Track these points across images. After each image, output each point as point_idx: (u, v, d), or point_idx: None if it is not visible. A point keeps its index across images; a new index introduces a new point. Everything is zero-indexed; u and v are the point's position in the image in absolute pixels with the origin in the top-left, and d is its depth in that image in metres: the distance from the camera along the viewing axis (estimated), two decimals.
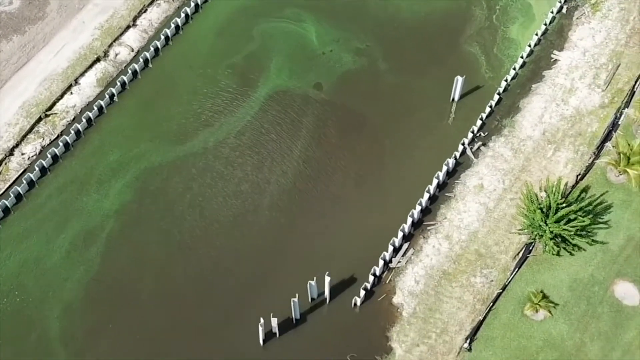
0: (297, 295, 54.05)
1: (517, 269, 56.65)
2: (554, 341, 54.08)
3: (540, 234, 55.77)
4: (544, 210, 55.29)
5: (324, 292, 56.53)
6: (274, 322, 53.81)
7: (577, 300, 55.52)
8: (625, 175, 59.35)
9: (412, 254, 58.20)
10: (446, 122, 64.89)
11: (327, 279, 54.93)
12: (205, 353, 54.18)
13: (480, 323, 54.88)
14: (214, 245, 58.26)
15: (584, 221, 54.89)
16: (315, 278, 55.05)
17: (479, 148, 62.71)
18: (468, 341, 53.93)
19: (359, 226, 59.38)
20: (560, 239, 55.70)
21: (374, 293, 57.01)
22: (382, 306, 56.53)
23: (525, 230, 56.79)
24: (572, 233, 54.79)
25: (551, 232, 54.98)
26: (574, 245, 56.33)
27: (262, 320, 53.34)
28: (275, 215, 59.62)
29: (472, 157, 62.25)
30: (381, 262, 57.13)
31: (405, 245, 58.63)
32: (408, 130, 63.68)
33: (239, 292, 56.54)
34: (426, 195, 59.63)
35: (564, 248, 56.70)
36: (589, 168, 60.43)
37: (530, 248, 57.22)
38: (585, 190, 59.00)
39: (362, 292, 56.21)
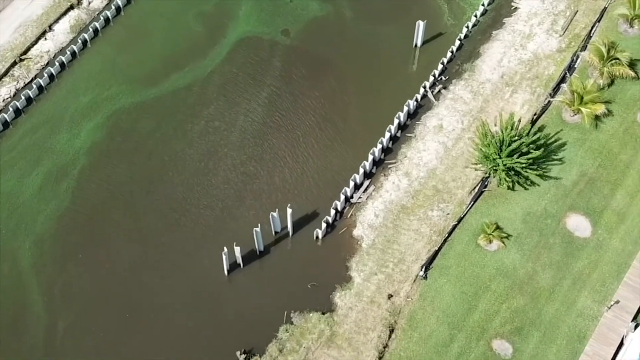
0: (259, 225, 56.18)
1: (472, 202, 58.79)
2: (507, 270, 56.29)
3: (494, 167, 57.91)
4: (497, 144, 57.40)
5: (287, 227, 58.67)
6: (237, 251, 55.94)
7: (530, 231, 57.71)
8: (579, 115, 61.46)
9: (373, 190, 60.34)
10: (409, 66, 66.94)
11: (289, 211, 57.01)
12: (171, 283, 56.31)
13: (436, 253, 57.05)
14: (181, 180, 60.38)
15: (535, 154, 57.00)
16: (277, 210, 57.20)
17: (439, 91, 64.77)
18: (424, 269, 56.09)
19: (322, 164, 61.48)
20: (513, 172, 57.84)
21: (336, 227, 59.19)
22: (342, 239, 58.69)
23: (480, 165, 58.93)
24: (523, 165, 56.91)
25: (504, 165, 57.10)
26: (526, 177, 58.47)
27: (225, 250, 55.47)
28: (242, 151, 61.73)
29: (433, 99, 64.30)
30: (342, 197, 59.24)
31: (367, 182, 60.77)
32: (372, 75, 65.71)
33: (204, 225, 58.62)
34: (387, 135, 61.68)
35: (518, 182, 58.86)
36: (544, 108, 62.51)
37: (486, 183, 59.37)
38: (541, 129, 61.08)
39: (324, 225, 58.35)
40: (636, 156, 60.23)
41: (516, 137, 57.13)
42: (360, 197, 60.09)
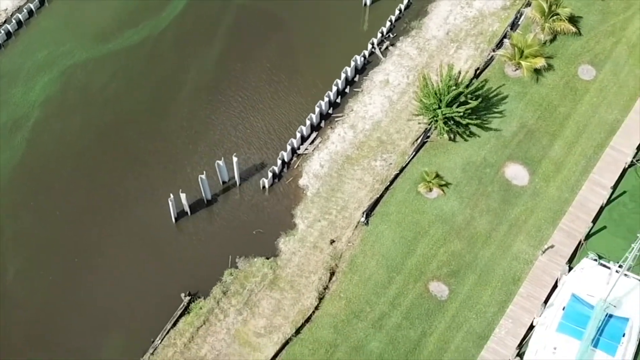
0: (204, 172, 57.87)
1: (414, 153, 60.51)
2: (445, 216, 58.10)
3: (435, 118, 59.62)
4: (437, 94, 59.10)
5: (234, 177, 60.34)
6: (183, 198, 57.61)
7: (469, 180, 59.49)
8: (521, 69, 63.15)
9: (320, 142, 62.02)
10: (358, 24, 68.50)
11: (235, 159, 58.67)
12: (120, 229, 58.00)
13: (378, 200, 58.80)
14: (132, 130, 61.96)
15: (472, 103, 58.72)
16: (222, 158, 58.87)
17: (387, 48, 66.39)
18: (365, 216, 57.83)
19: (270, 117, 63.10)
20: (452, 122, 59.58)
21: (283, 177, 60.90)
22: (288, 188, 60.41)
23: (421, 116, 60.65)
24: (461, 114, 58.64)
25: (443, 114, 58.82)
26: (466, 127, 60.19)
27: (171, 196, 57.16)
28: (193, 104, 63.32)
29: (381, 56, 65.94)
30: (289, 148, 60.92)
31: (314, 135, 62.44)
32: (321, 32, 67.29)
33: (154, 174, 60.24)
34: (334, 89, 63.33)
35: (459, 133, 60.61)
36: (487, 63, 64.19)
37: (428, 134, 61.09)
38: (483, 83, 62.76)
39: (270, 175, 60.06)
40: (575, 108, 62.04)
41: (454, 88, 58.81)
42: (306, 149, 61.77)
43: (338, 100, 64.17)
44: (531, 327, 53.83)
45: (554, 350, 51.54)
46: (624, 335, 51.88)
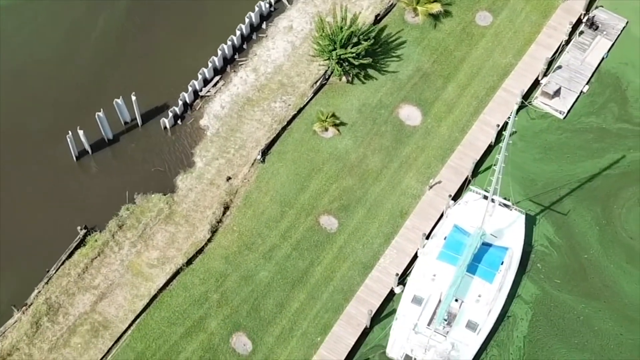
0: (101, 110, 59.24)
1: (313, 95, 62.17)
2: (339, 154, 59.87)
3: (333, 60, 61.23)
4: (332, 36, 60.75)
5: (136, 118, 61.73)
6: (82, 135, 58.92)
7: (364, 120, 61.27)
8: (420, 16, 64.97)
9: (222, 85, 63.52)
10: None
11: (134, 98, 60.02)
12: (20, 166, 59.30)
13: (275, 140, 60.47)
14: (40, 70, 63.13)
15: (364, 44, 60.42)
16: (121, 97, 60.24)
17: None
18: (261, 154, 59.46)
19: (174, 60, 64.34)
20: (347, 64, 61.28)
21: (184, 118, 62.36)
22: (190, 129, 61.86)
23: (318, 57, 62.31)
24: (354, 54, 60.32)
25: (338, 55, 60.49)
26: (360, 68, 61.85)
27: (70, 134, 58.51)
28: (100, 46, 64.56)
29: (286, 3, 67.40)
30: (190, 90, 62.36)
31: (217, 78, 63.91)
32: None
33: (61, 114, 61.33)
34: (237, 33, 64.77)
35: (356, 76, 62.33)
36: (388, 10, 65.80)
37: (327, 77, 62.75)
38: (383, 29, 64.49)
39: (170, 115, 61.51)
40: (470, 52, 63.90)
41: (347, 29, 60.47)
42: (209, 91, 63.23)
43: (244, 46, 65.61)
44: (415, 257, 55.80)
45: (433, 277, 53.59)
46: (502, 264, 54.00)
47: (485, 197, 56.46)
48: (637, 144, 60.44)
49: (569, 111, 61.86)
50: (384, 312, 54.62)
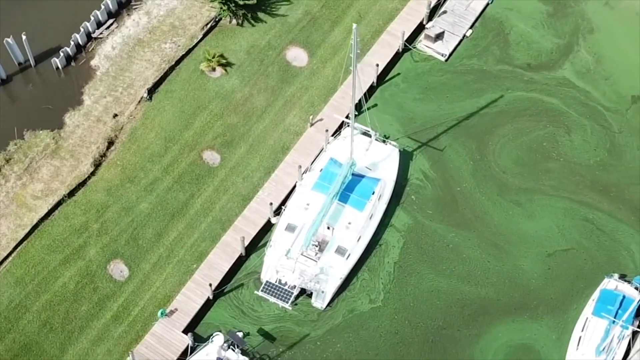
0: None
1: (203, 36, 63.66)
2: (225, 93, 61.42)
3: (220, 1, 62.76)
4: None
5: (29, 59, 62.83)
6: None
7: (252, 61, 62.87)
8: None
9: (115, 27, 64.75)
10: None
11: (24, 37, 61.09)
12: None
13: (163, 79, 61.89)
14: None
15: None
16: (11, 36, 61.29)
17: None
18: (148, 92, 60.83)
19: (67, 1, 65.44)
20: (233, 4, 62.81)
21: (77, 59, 63.52)
22: (81, 69, 63.02)
23: (208, 0, 63.92)
24: None
25: None
26: (246, 7, 63.36)
27: None
28: None
29: None
30: (82, 31, 63.53)
31: (111, 21, 65.12)
32: None
33: None
34: None
35: (245, 18, 63.92)
36: None
37: (218, 20, 64.25)
38: None
39: (61, 55, 62.65)
40: None
41: None
42: (101, 33, 64.43)
43: None
44: (294, 189, 57.54)
45: (307, 206, 55.39)
46: (373, 194, 55.91)
47: (364, 133, 58.47)
48: (515, 85, 62.63)
49: (451, 54, 63.90)
50: (262, 241, 56.35)
